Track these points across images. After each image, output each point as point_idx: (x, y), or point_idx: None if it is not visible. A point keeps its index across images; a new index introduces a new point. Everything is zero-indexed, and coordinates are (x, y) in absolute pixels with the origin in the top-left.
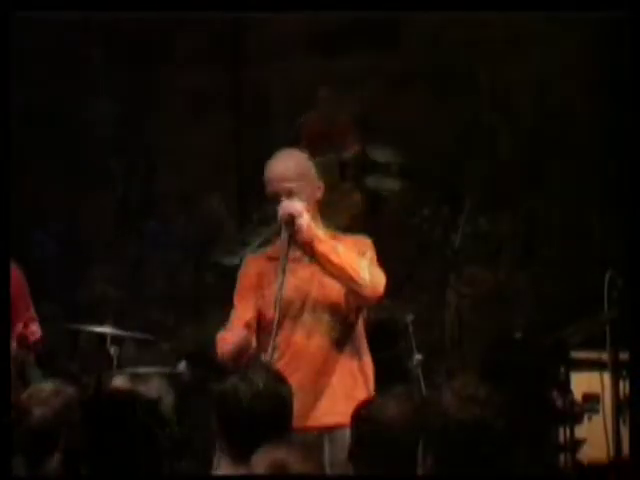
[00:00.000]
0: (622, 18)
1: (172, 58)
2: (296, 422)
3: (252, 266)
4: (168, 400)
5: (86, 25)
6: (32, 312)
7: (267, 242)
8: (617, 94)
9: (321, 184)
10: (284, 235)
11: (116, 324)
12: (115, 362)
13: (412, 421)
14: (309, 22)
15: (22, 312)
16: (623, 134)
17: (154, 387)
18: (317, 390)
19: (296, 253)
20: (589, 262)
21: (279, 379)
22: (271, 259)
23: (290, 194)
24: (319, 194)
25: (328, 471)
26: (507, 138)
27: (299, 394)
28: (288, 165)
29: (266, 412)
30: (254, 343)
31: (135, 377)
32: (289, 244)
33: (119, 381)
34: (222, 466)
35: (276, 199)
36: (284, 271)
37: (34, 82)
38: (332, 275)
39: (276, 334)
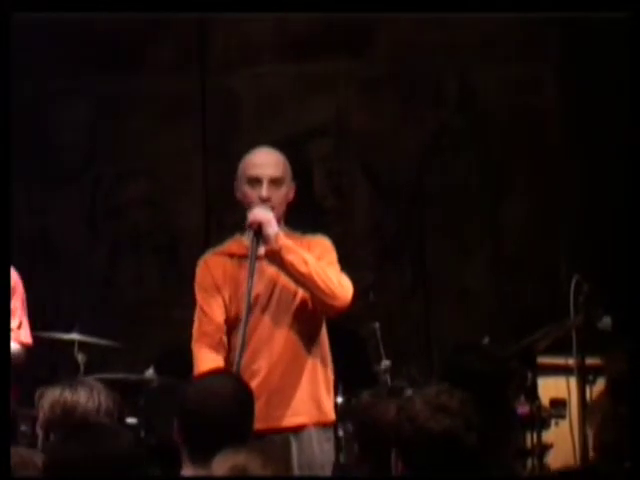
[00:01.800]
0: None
1: (141, 63)
2: (264, 422)
3: (213, 265)
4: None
5: (55, 27)
6: (26, 317)
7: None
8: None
9: (294, 186)
10: (251, 239)
11: (83, 330)
12: (82, 369)
13: (390, 424)
14: (278, 27)
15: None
16: (593, 139)
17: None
18: (285, 390)
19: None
20: (556, 268)
21: (240, 384)
22: (232, 256)
23: (273, 182)
24: (292, 195)
25: (297, 472)
26: (475, 141)
27: (267, 393)
28: (276, 155)
29: (226, 418)
30: (226, 343)
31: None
32: (257, 249)
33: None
34: (183, 470)
35: (255, 183)
36: (252, 275)
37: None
38: (299, 284)
39: (244, 334)
